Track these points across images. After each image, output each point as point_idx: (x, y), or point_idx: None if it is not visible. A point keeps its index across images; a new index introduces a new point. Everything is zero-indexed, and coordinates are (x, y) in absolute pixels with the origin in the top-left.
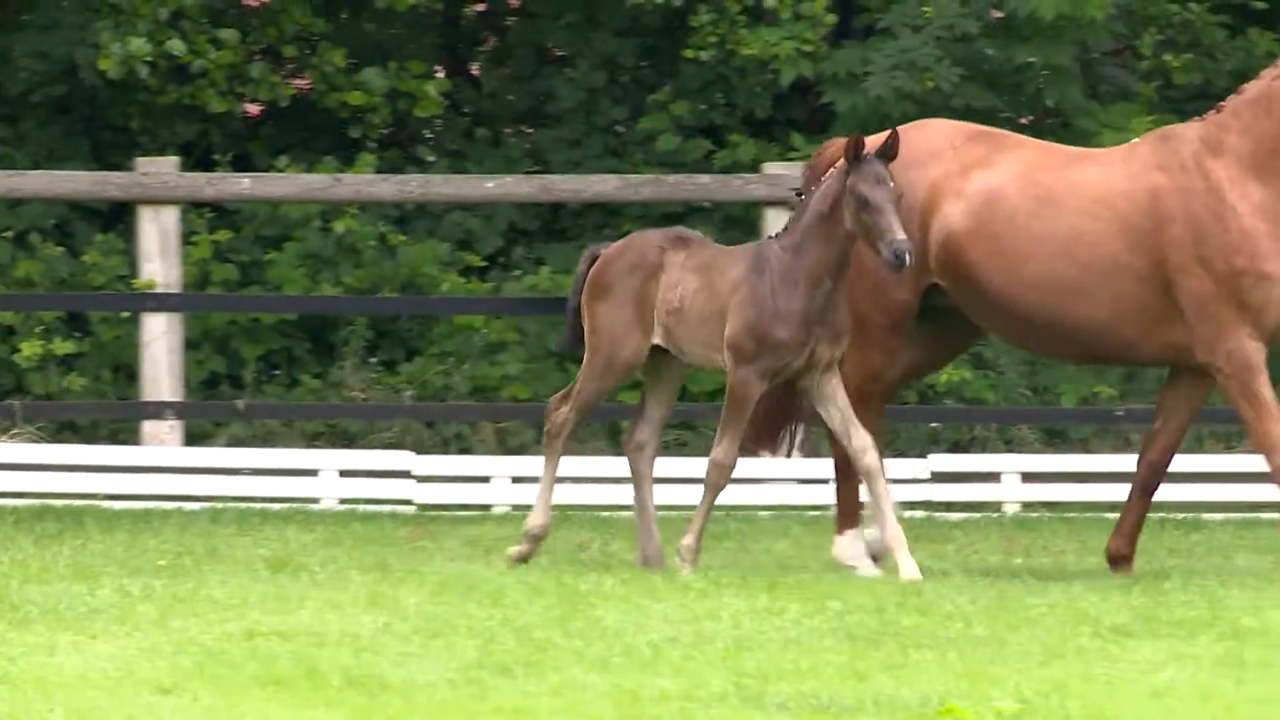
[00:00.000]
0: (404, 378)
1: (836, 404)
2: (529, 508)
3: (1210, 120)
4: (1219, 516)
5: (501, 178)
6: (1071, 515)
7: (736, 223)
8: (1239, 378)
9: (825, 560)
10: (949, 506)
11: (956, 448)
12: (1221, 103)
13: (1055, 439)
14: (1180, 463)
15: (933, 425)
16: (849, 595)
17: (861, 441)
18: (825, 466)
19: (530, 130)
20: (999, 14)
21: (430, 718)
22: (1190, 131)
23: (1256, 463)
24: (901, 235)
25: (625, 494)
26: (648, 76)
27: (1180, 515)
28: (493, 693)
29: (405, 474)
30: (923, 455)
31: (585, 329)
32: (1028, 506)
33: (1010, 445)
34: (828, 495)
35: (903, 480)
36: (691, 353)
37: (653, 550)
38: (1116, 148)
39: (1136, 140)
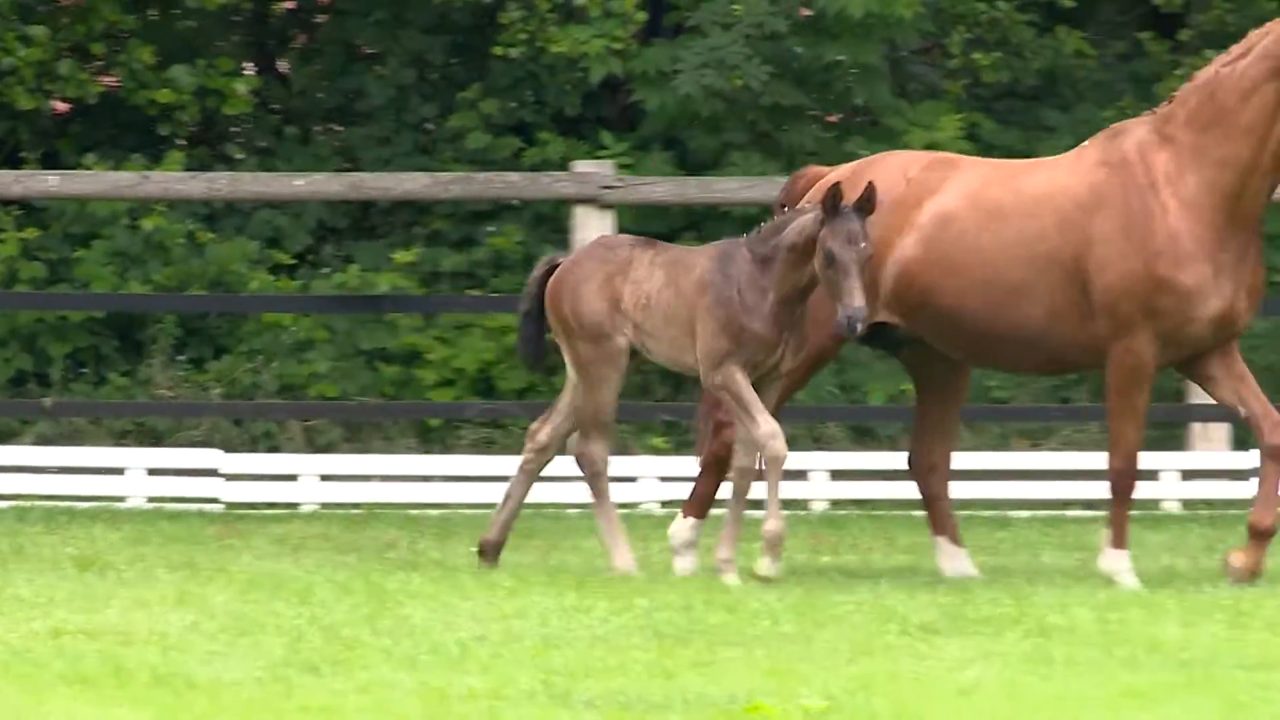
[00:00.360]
0: (212, 375)
1: (771, 407)
2: (337, 506)
3: (1159, 112)
4: (1025, 514)
5: (310, 175)
6: (879, 513)
7: (546, 220)
8: (1122, 378)
9: (634, 557)
10: (757, 505)
11: None
12: (1174, 93)
13: (863, 437)
14: (987, 460)
15: None
16: (657, 593)
17: (769, 429)
18: (632, 465)
19: (339, 128)
20: (808, 12)
21: (237, 716)
22: (1139, 125)
23: (1063, 460)
24: (859, 303)
25: (432, 492)
26: (457, 74)
27: (987, 513)
28: (300, 691)
29: (213, 472)
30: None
31: (562, 339)
32: (835, 504)
33: (818, 443)
34: (636, 493)
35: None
36: (658, 351)
37: (623, 563)
38: (1067, 153)
39: (1090, 141)
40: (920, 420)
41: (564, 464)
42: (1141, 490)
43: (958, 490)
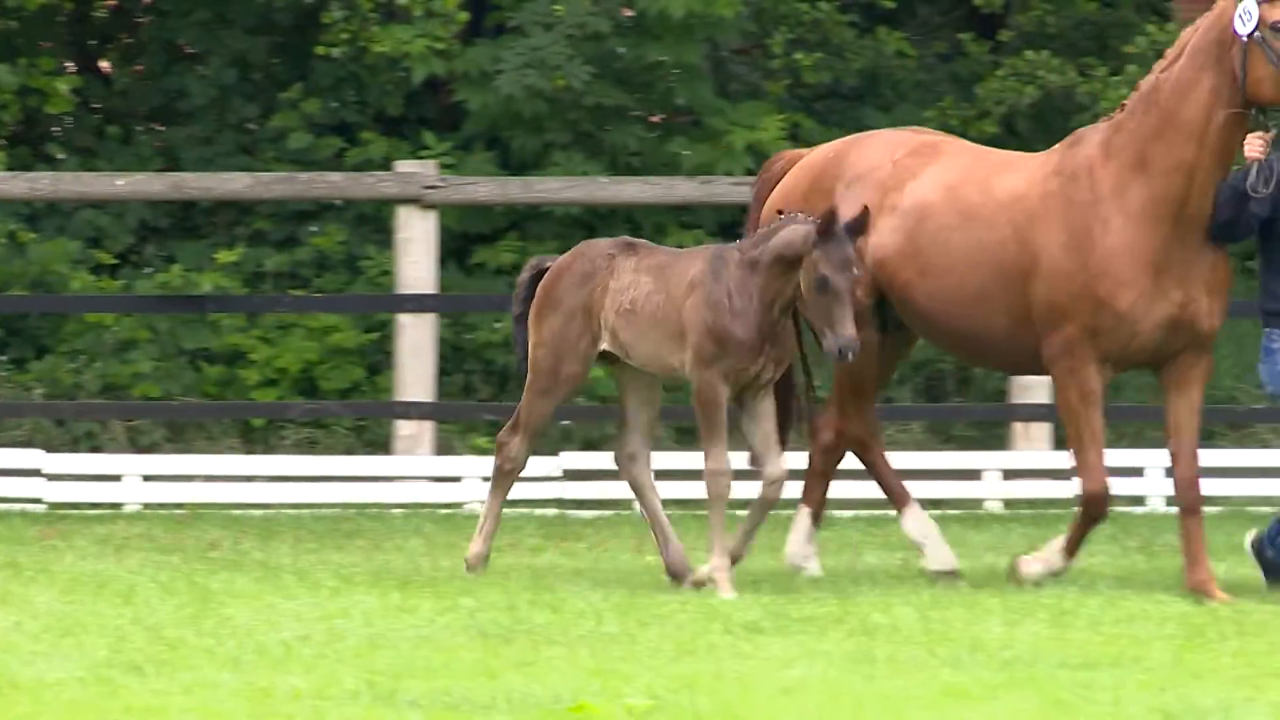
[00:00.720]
0: (34, 375)
1: (765, 424)
2: (160, 506)
3: (1112, 121)
4: (848, 514)
5: (132, 175)
6: (702, 513)
7: (368, 220)
8: (1071, 399)
9: (457, 558)
10: (581, 504)
11: (589, 445)
12: (1124, 101)
13: (686, 437)
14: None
15: (565, 423)
16: (481, 593)
17: (775, 471)
18: (455, 465)
19: (161, 128)
20: (630, 12)
21: (60, 717)
22: (1094, 134)
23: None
24: (851, 331)
25: (255, 492)
26: (279, 74)
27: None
28: (123, 691)
29: (35, 472)
30: (555, 454)
31: (530, 344)
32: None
33: None
34: (459, 493)
35: (535, 479)
36: (639, 354)
37: (675, 557)
38: (1040, 153)
39: (1058, 145)
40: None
41: (383, 464)
42: (964, 490)
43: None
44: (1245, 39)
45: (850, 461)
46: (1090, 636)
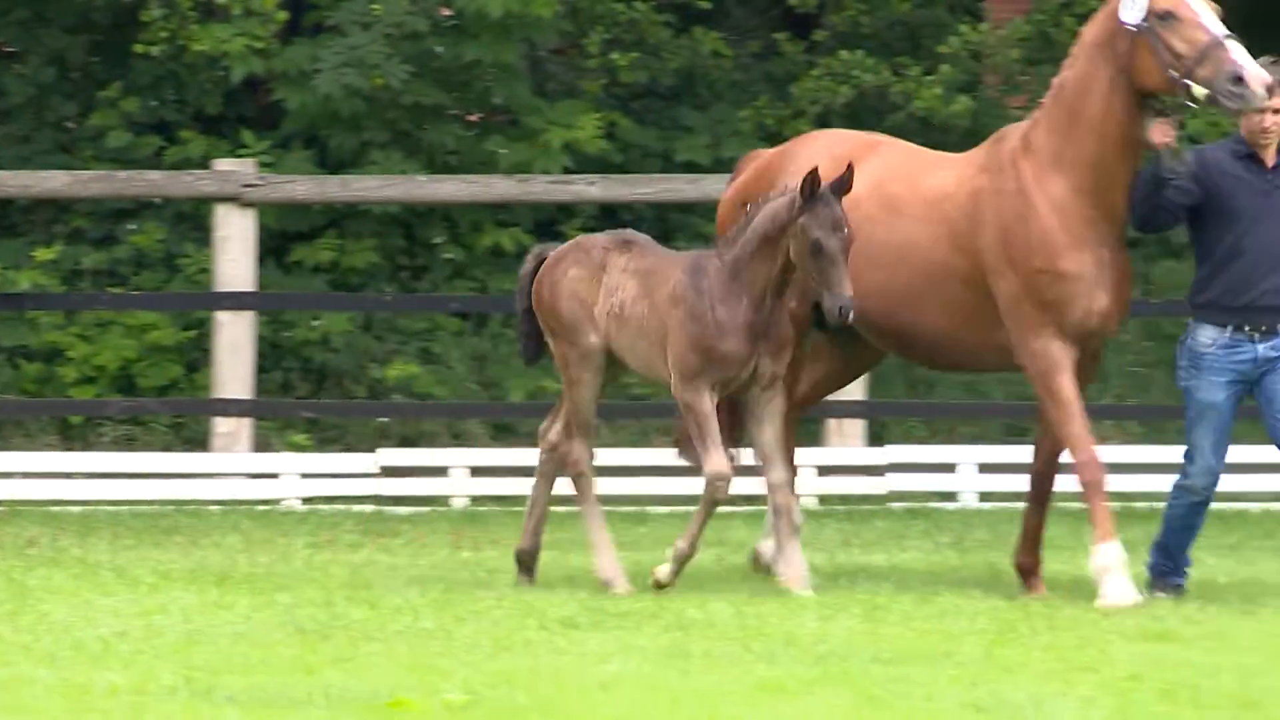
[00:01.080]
0: None
1: (770, 428)
2: None
3: (1032, 117)
4: (664, 509)
5: None
6: (519, 509)
7: (187, 218)
8: (1042, 377)
9: (275, 554)
10: (398, 500)
11: (406, 442)
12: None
13: (503, 433)
14: (626, 457)
15: (382, 420)
16: (298, 589)
17: (779, 477)
18: (273, 461)
19: None
20: (448, 11)
21: None
22: (1016, 130)
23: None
24: (849, 291)
25: (73, 489)
26: (98, 72)
27: (626, 508)
28: None
29: None
30: (372, 450)
31: (548, 336)
32: (476, 500)
33: (459, 439)
34: (277, 490)
35: (352, 475)
36: (632, 361)
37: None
38: (969, 151)
39: (984, 143)
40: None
41: (201, 460)
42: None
43: (598, 486)
44: (1133, 28)
45: (661, 458)
46: (903, 632)
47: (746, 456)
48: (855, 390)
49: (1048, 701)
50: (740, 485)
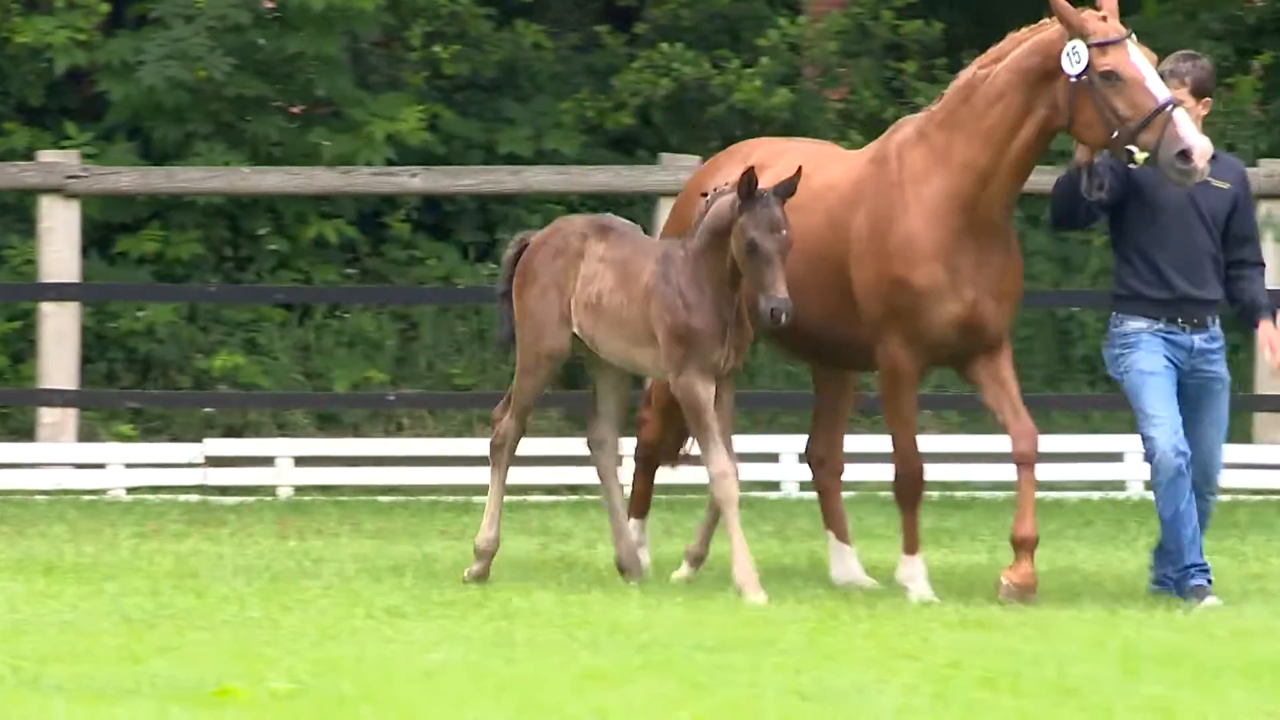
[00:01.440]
0: None
1: (720, 421)
2: None
3: (930, 109)
4: (480, 500)
5: None
6: (344, 498)
7: (11, 210)
8: (884, 383)
9: (101, 543)
10: (224, 490)
11: (231, 432)
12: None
13: (328, 423)
14: (453, 446)
15: (207, 410)
16: (125, 579)
17: (722, 467)
18: (99, 451)
19: None
20: (271, 4)
21: None
22: (912, 121)
23: (526, 446)
24: (783, 293)
25: None
26: None
27: (451, 498)
28: None
29: None
30: (198, 440)
31: (517, 321)
32: (301, 490)
33: (284, 429)
34: (104, 480)
35: (178, 465)
36: (606, 350)
37: (627, 553)
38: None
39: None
40: (814, 414)
41: (22, 451)
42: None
43: (422, 476)
44: (1074, 79)
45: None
46: (727, 620)
47: (569, 445)
48: None
49: (869, 688)
50: (564, 475)
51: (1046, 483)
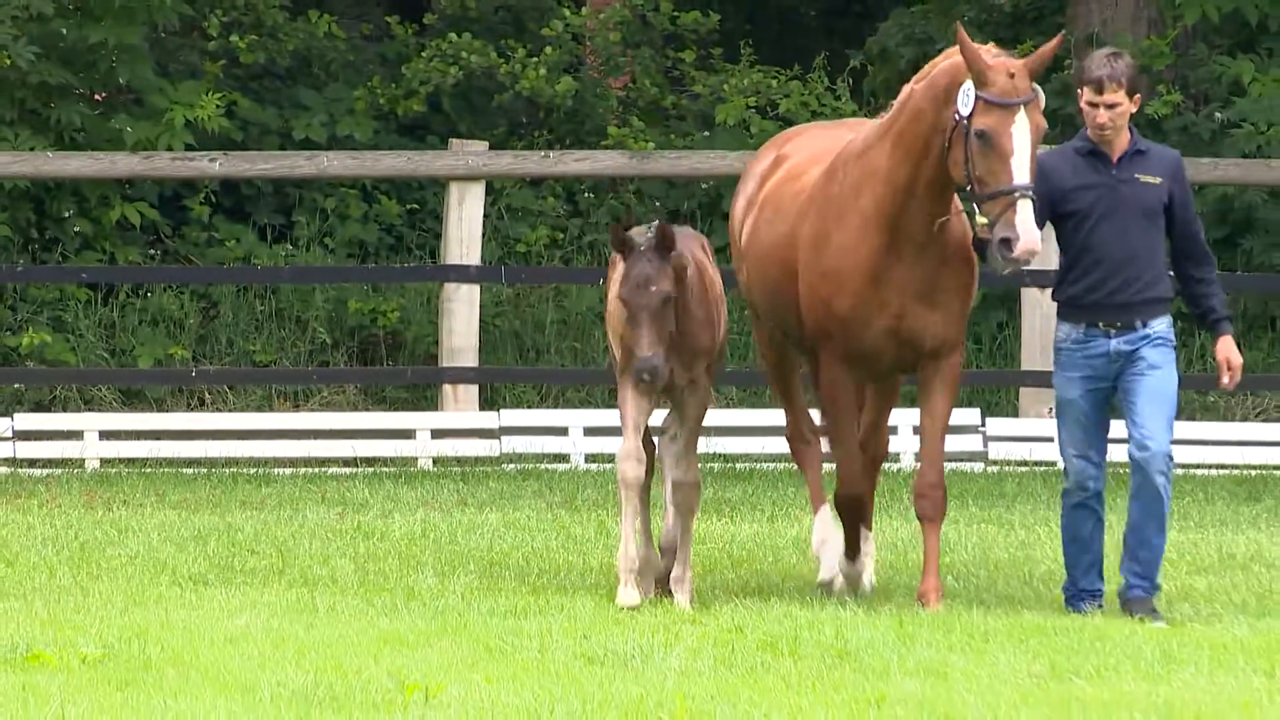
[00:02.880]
0: None
1: (684, 427)
2: None
3: (879, 117)
4: (288, 471)
5: None
6: (149, 470)
7: None
8: (821, 398)
9: None
10: (33, 463)
11: (39, 407)
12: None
13: (132, 399)
14: (251, 420)
15: (16, 386)
16: None
17: (685, 477)
18: None
19: None
20: None
21: None
22: (863, 130)
23: (321, 420)
24: (644, 352)
25: None
26: None
27: (251, 470)
28: None
29: None
30: (7, 414)
31: None
32: (107, 462)
33: (90, 405)
34: None
35: None
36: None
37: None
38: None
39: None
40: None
41: None
42: (398, 448)
43: (223, 450)
44: (957, 118)
45: (288, 421)
46: (518, 586)
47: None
48: (469, 357)
49: (655, 652)
50: (362, 448)
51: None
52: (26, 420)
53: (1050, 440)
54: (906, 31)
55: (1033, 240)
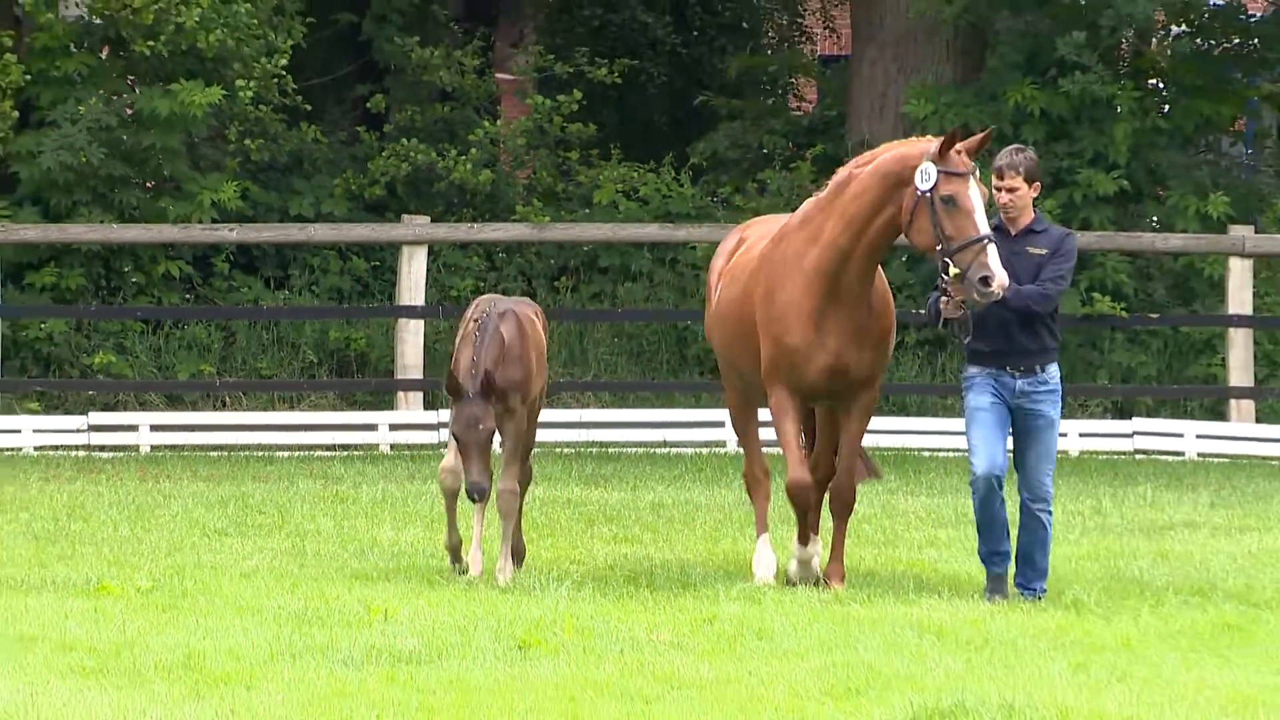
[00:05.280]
0: None
1: (505, 447)
2: None
3: (817, 194)
4: (286, 454)
5: None
6: (185, 454)
7: None
8: (773, 415)
9: (17, 486)
10: (102, 449)
11: (107, 408)
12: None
13: (174, 401)
14: (261, 418)
15: (90, 393)
16: (34, 509)
17: (504, 485)
18: (12, 422)
19: None
20: (131, 110)
21: None
22: (803, 206)
23: (308, 417)
24: (476, 478)
25: None
26: None
27: (260, 454)
28: None
29: None
30: (84, 413)
31: None
32: (155, 448)
33: (143, 406)
34: (16, 441)
35: (69, 430)
36: None
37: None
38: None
39: None
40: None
41: None
42: (362, 438)
43: (240, 438)
44: (920, 193)
45: (286, 418)
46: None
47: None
48: (417, 372)
49: (550, 584)
50: (339, 437)
51: (675, 441)
52: (98, 417)
53: None
54: (732, 138)
55: (1004, 275)
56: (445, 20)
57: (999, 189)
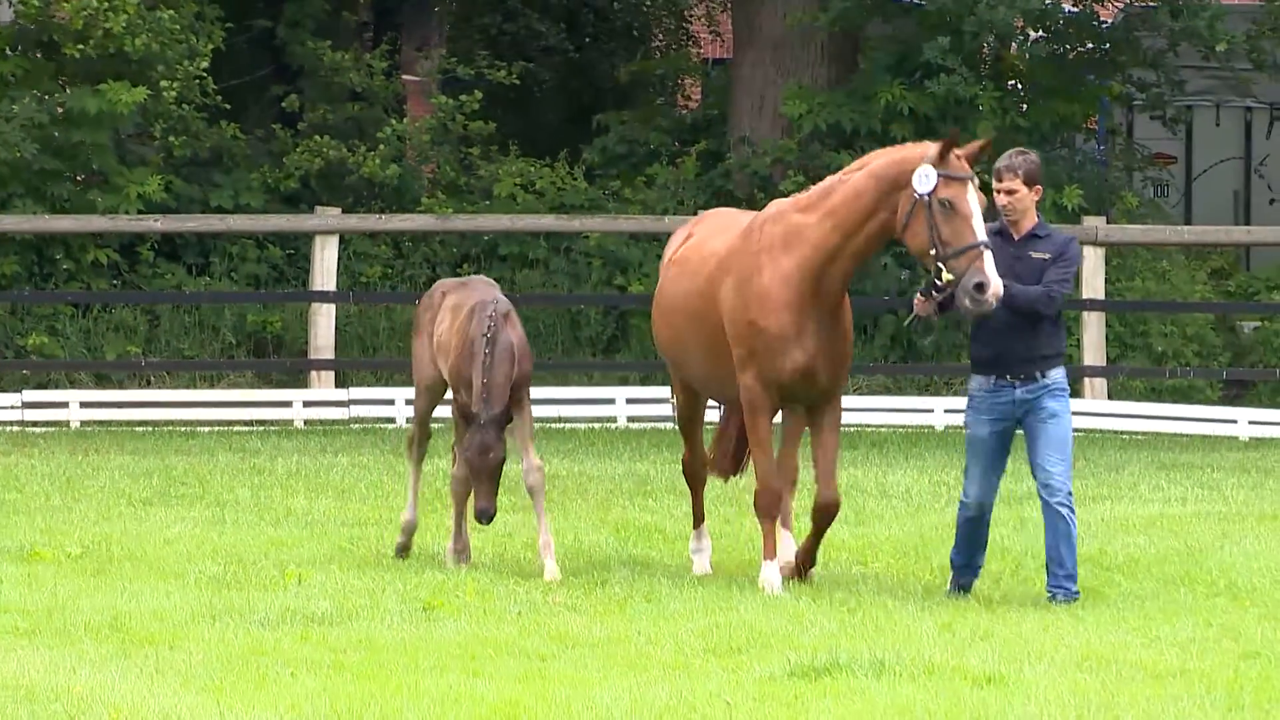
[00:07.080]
0: None
1: (522, 425)
2: None
3: (795, 196)
4: (207, 429)
5: None
6: (113, 429)
7: None
8: (747, 411)
9: None
10: (35, 424)
11: (40, 386)
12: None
13: (102, 380)
14: (184, 395)
15: (24, 371)
16: None
17: (534, 460)
18: None
19: None
20: (62, 109)
21: None
22: (776, 204)
23: (227, 395)
24: (484, 504)
25: None
26: None
27: (183, 429)
28: None
29: None
30: (18, 390)
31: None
32: (85, 424)
33: (74, 384)
34: None
35: (5, 407)
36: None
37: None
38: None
39: None
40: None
41: None
42: (277, 414)
43: (165, 414)
44: (917, 196)
45: (207, 395)
46: (360, 506)
47: None
48: (329, 352)
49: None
50: (257, 414)
51: (569, 417)
52: (31, 395)
53: None
54: (621, 135)
55: (999, 283)
56: (355, 25)
57: (998, 191)
